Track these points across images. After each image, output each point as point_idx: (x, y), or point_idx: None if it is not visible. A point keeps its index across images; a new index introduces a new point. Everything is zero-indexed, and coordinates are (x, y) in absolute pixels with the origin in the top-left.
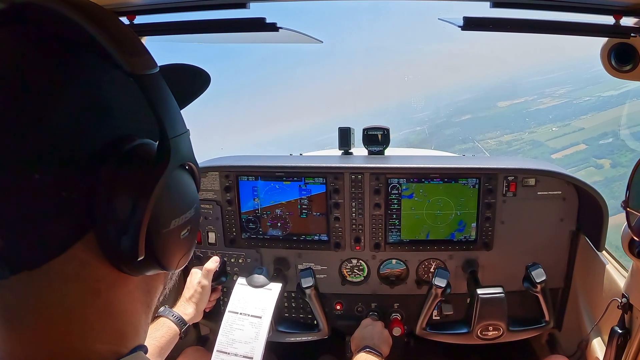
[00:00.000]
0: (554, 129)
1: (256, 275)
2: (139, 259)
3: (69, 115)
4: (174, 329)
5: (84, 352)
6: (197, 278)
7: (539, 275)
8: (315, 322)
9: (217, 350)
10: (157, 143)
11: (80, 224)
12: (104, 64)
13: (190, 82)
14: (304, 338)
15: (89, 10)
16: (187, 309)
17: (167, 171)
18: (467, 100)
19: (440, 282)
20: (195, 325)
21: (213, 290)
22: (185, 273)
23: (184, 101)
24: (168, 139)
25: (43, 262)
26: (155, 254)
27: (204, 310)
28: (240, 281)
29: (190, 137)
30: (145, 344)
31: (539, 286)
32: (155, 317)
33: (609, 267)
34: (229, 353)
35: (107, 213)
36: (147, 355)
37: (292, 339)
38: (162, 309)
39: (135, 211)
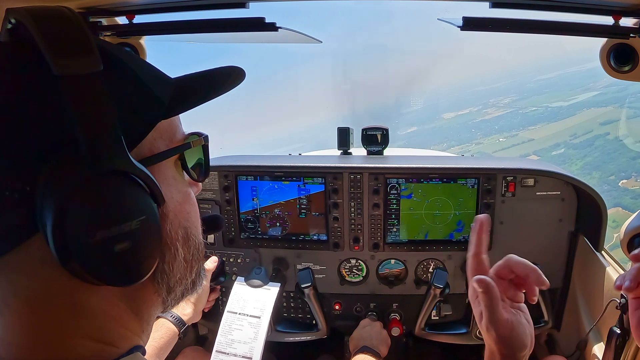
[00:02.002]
0: (500, 139)
1: (255, 275)
2: (68, 268)
3: (9, 118)
4: (173, 329)
5: (65, 345)
6: None
7: None
8: (314, 321)
9: (216, 351)
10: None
11: (25, 223)
12: (47, 68)
13: (211, 81)
14: (302, 338)
15: (37, 14)
16: (185, 309)
17: (80, 177)
18: (413, 112)
19: (439, 283)
20: (194, 325)
21: (212, 290)
22: None
23: (204, 98)
24: (88, 143)
25: None
26: (83, 265)
27: (203, 311)
28: (239, 281)
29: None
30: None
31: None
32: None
33: (607, 267)
34: (228, 353)
35: (42, 216)
36: (145, 356)
37: (291, 339)
38: None
39: (51, 217)
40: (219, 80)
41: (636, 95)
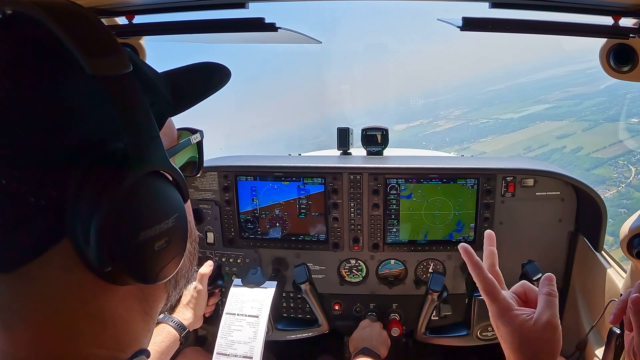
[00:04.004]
0: (452, 153)
1: (251, 276)
2: (106, 270)
3: (35, 120)
4: (174, 334)
5: (79, 356)
6: (193, 283)
7: (534, 271)
8: (314, 318)
9: (217, 353)
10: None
11: (51, 230)
12: (73, 66)
13: (209, 77)
14: (304, 334)
15: (54, 10)
16: (185, 314)
17: (127, 178)
18: (364, 124)
19: (436, 287)
20: None
21: (211, 295)
22: None
23: (200, 96)
24: (130, 144)
25: (17, 266)
26: (125, 266)
27: (204, 316)
28: (236, 282)
29: (162, 141)
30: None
31: (535, 283)
32: (156, 323)
33: (607, 267)
34: (228, 355)
35: (75, 220)
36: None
37: (293, 336)
38: (161, 315)
39: (95, 220)
40: (212, 76)
41: (591, 109)
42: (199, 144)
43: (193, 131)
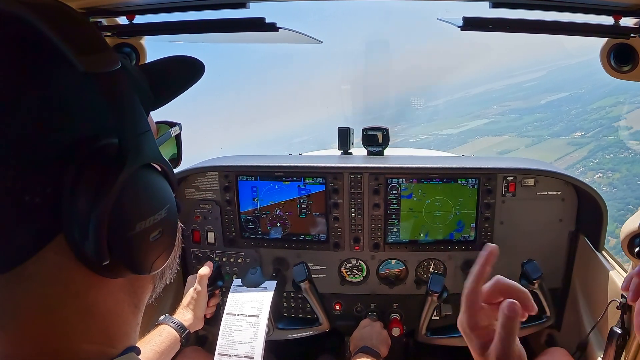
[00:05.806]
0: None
1: (250, 276)
2: (104, 263)
3: (29, 119)
4: (174, 334)
5: (70, 352)
6: (193, 284)
7: (534, 271)
8: (315, 316)
9: (218, 354)
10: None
11: (47, 227)
12: (64, 64)
13: (183, 71)
14: (305, 333)
15: (42, 9)
16: (185, 315)
17: (124, 172)
18: (305, 141)
19: (435, 288)
20: None
21: (211, 296)
22: (185, 280)
23: (179, 89)
24: (124, 138)
25: (13, 266)
26: (122, 258)
27: (205, 317)
28: (236, 282)
29: (153, 135)
30: (145, 349)
31: (536, 282)
32: (156, 324)
33: (608, 267)
34: (229, 355)
35: (71, 216)
36: (143, 358)
37: (294, 335)
38: (162, 317)
39: (94, 214)
40: (187, 70)
41: (533, 124)
42: (178, 137)
43: (172, 124)
